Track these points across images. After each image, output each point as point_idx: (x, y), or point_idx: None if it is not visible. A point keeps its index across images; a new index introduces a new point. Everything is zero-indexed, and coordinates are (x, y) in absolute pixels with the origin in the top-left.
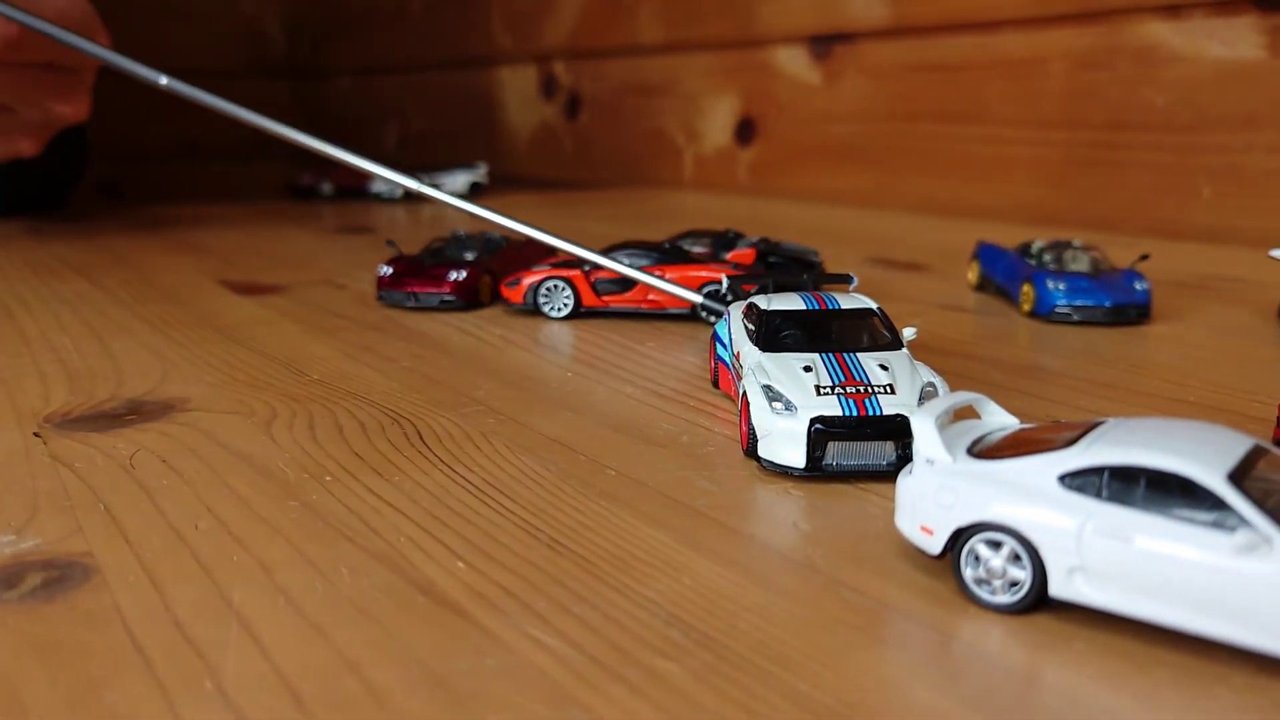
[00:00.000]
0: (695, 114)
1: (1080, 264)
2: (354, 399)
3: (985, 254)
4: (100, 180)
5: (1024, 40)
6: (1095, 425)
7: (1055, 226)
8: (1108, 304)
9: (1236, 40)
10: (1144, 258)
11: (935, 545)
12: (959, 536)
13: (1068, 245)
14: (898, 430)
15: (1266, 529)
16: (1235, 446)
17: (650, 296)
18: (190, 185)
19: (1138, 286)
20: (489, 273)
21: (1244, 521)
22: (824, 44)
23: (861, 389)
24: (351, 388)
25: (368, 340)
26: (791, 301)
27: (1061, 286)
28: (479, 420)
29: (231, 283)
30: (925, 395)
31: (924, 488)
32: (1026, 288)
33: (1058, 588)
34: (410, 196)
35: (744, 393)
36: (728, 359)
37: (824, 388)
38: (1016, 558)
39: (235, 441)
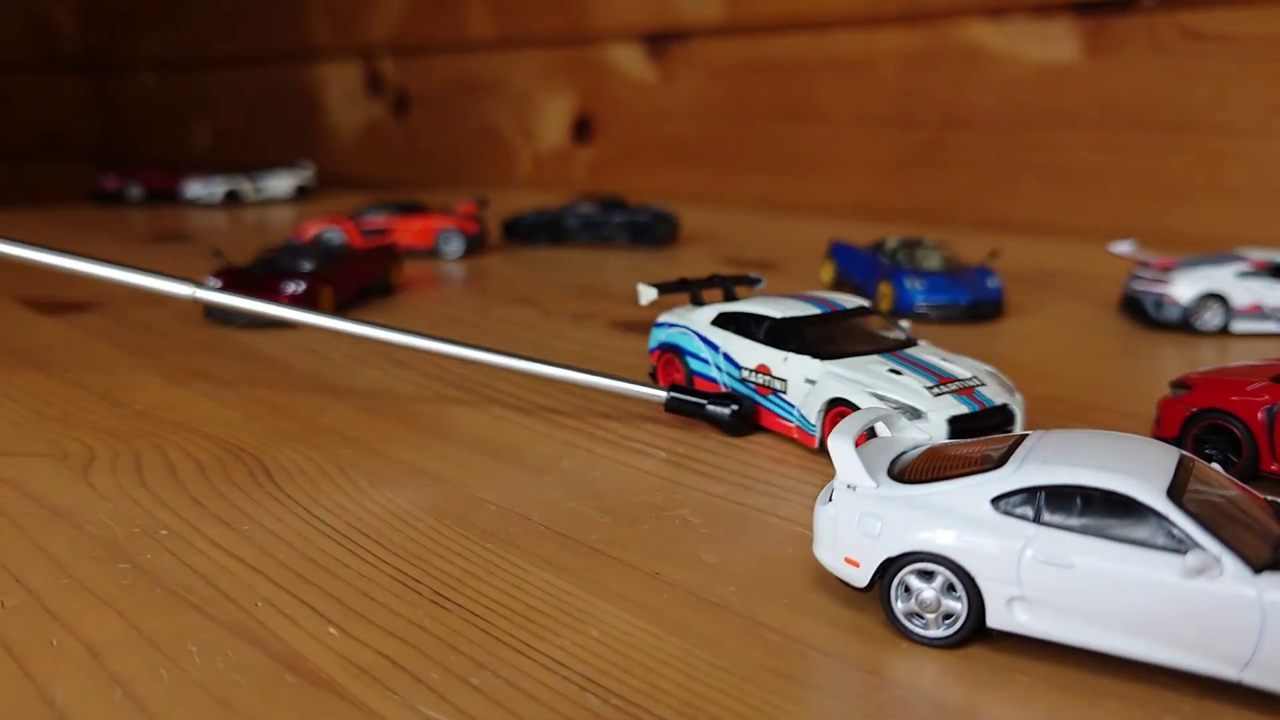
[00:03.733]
0: (531, 112)
1: (932, 261)
2: (187, 433)
3: (839, 253)
4: None
5: (855, 40)
6: (1019, 441)
7: (890, 222)
8: (964, 301)
9: (1055, 42)
10: (995, 254)
11: (861, 578)
12: (888, 568)
13: (919, 243)
14: (1008, 419)
15: (1215, 549)
16: (1165, 460)
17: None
18: None
19: (990, 284)
20: (329, 282)
21: (1192, 542)
22: (659, 42)
23: (958, 385)
24: (183, 419)
25: (197, 363)
26: (798, 308)
27: (919, 285)
28: (334, 452)
29: (32, 300)
30: (986, 381)
31: (847, 516)
32: (884, 286)
33: (996, 618)
34: (229, 199)
35: (830, 400)
36: (710, 373)
37: (931, 388)
38: (951, 588)
39: (47, 491)
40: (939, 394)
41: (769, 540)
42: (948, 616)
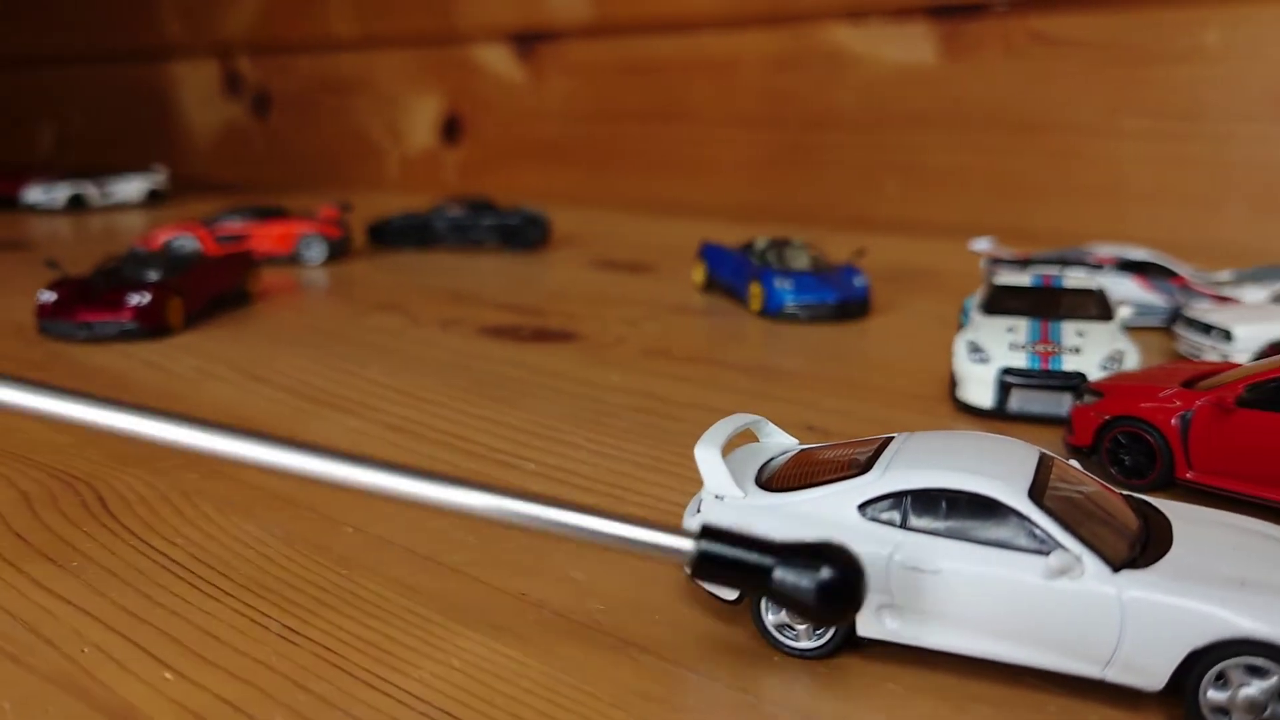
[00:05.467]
0: (398, 113)
1: (801, 261)
2: (12, 461)
3: (710, 254)
4: None
5: (722, 41)
6: (885, 444)
7: (761, 222)
8: (832, 300)
9: (912, 45)
10: (860, 253)
11: (731, 592)
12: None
13: (788, 243)
14: (1074, 385)
15: (1076, 549)
16: (1026, 459)
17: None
18: None
19: (856, 282)
20: (178, 293)
21: (1054, 542)
22: (528, 42)
23: (1051, 348)
24: (8, 446)
25: None
26: (1020, 279)
27: (789, 285)
28: (178, 477)
29: None
30: (1111, 360)
31: None
32: (755, 287)
33: (865, 626)
34: (73, 205)
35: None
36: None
37: (1020, 345)
38: None
39: None
40: (1017, 348)
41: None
42: (818, 627)
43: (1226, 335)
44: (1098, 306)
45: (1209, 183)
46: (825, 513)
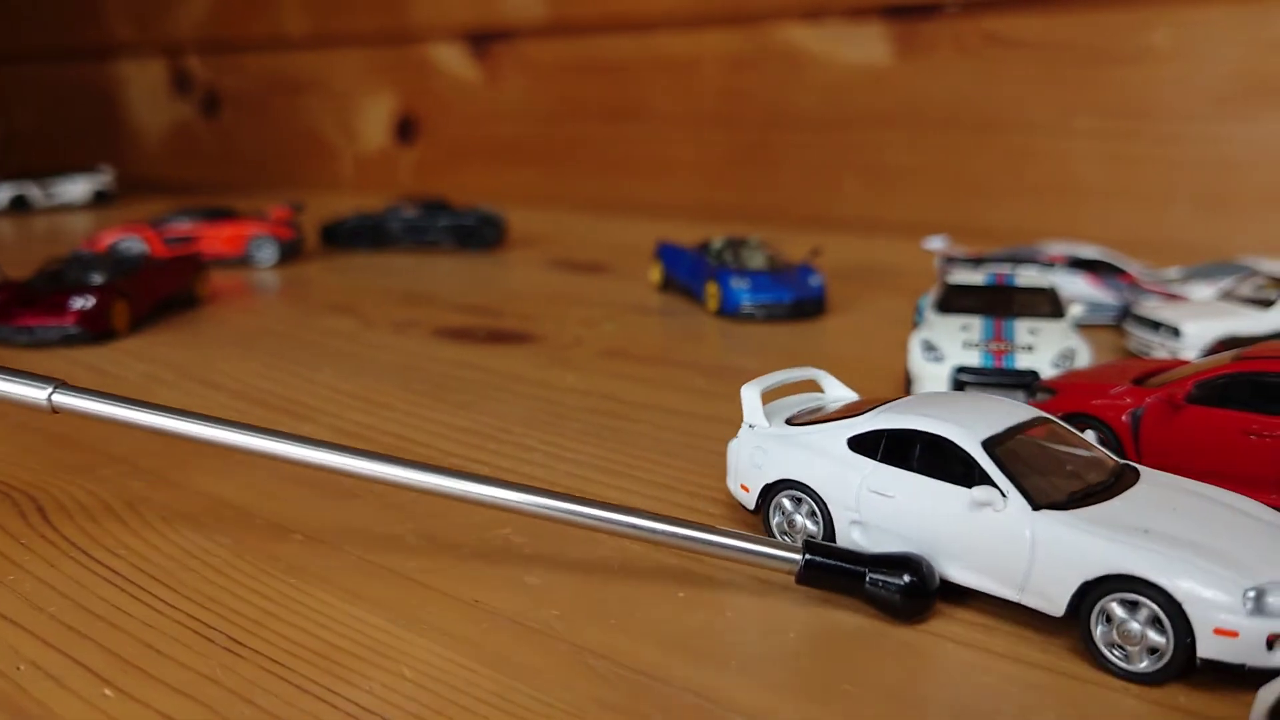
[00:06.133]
0: (352, 112)
1: (757, 260)
2: None
3: (667, 254)
4: None
5: (680, 41)
6: (898, 398)
7: (720, 221)
8: (788, 300)
9: (868, 45)
10: (816, 252)
11: (750, 501)
12: (768, 492)
13: (744, 242)
14: (1027, 382)
15: (1005, 487)
16: (1008, 417)
17: (213, 247)
18: None
19: (812, 281)
20: (123, 296)
21: (986, 479)
22: (483, 41)
23: (1004, 346)
24: None
25: None
26: (973, 277)
27: (745, 285)
28: (121, 485)
29: None
30: (1063, 358)
31: (743, 450)
32: (711, 287)
33: (842, 538)
34: (16, 206)
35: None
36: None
37: (971, 343)
38: (813, 513)
39: None
40: (970, 347)
41: (595, 557)
42: (810, 535)
43: (1175, 332)
44: (1050, 305)
45: (1157, 181)
46: (821, 443)
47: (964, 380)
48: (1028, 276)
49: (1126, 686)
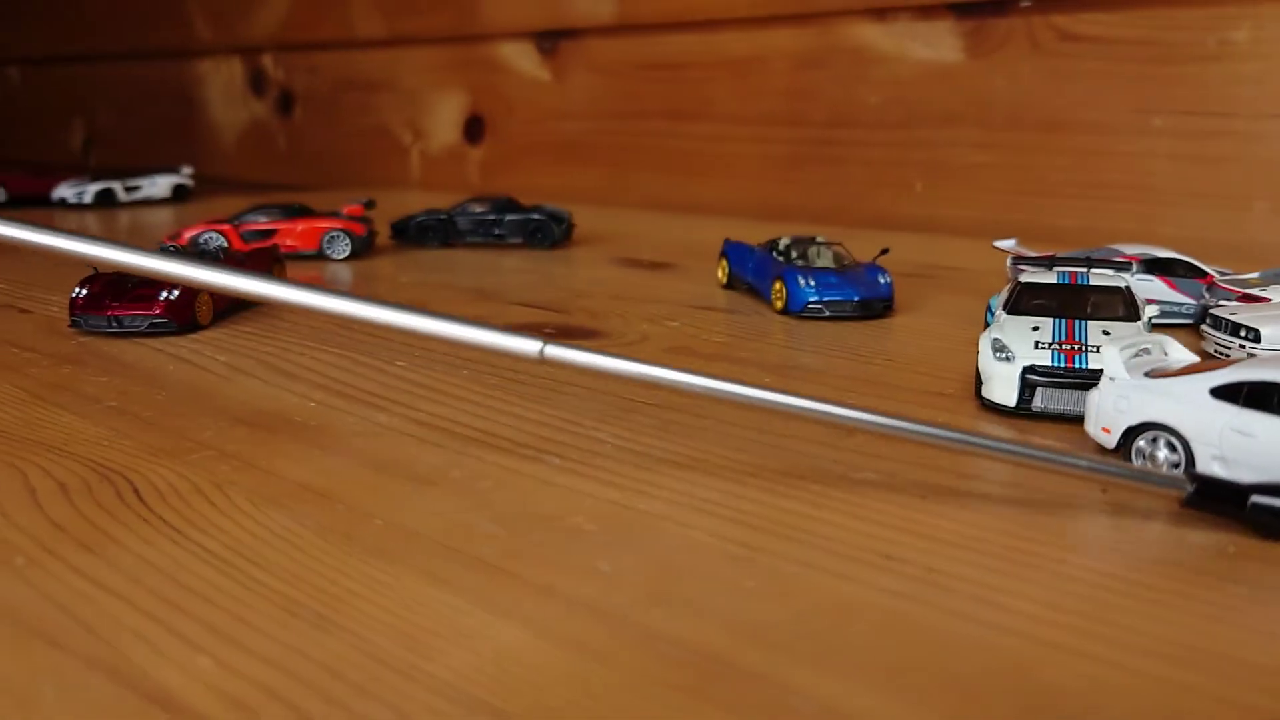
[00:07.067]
0: (421, 111)
1: (825, 259)
2: (49, 452)
3: (733, 252)
4: None
5: (746, 39)
6: (1254, 357)
7: (783, 221)
8: (856, 299)
9: (937, 43)
10: (884, 252)
11: (1111, 441)
12: (1129, 434)
13: (811, 241)
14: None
15: None
16: None
17: (288, 242)
18: None
19: (881, 280)
20: (206, 289)
21: None
22: (550, 40)
23: (1075, 346)
24: (44, 438)
25: (62, 376)
26: (1045, 277)
27: (812, 283)
28: (210, 469)
29: None
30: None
31: (1105, 399)
32: (778, 285)
33: (1202, 466)
34: (101, 200)
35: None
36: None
37: (1043, 344)
38: (1173, 449)
39: None
40: (1041, 347)
41: (665, 546)
42: (1174, 465)
43: (1255, 335)
44: (1124, 306)
45: (1238, 182)
46: (1185, 392)
47: (1034, 380)
48: (1101, 276)
49: None
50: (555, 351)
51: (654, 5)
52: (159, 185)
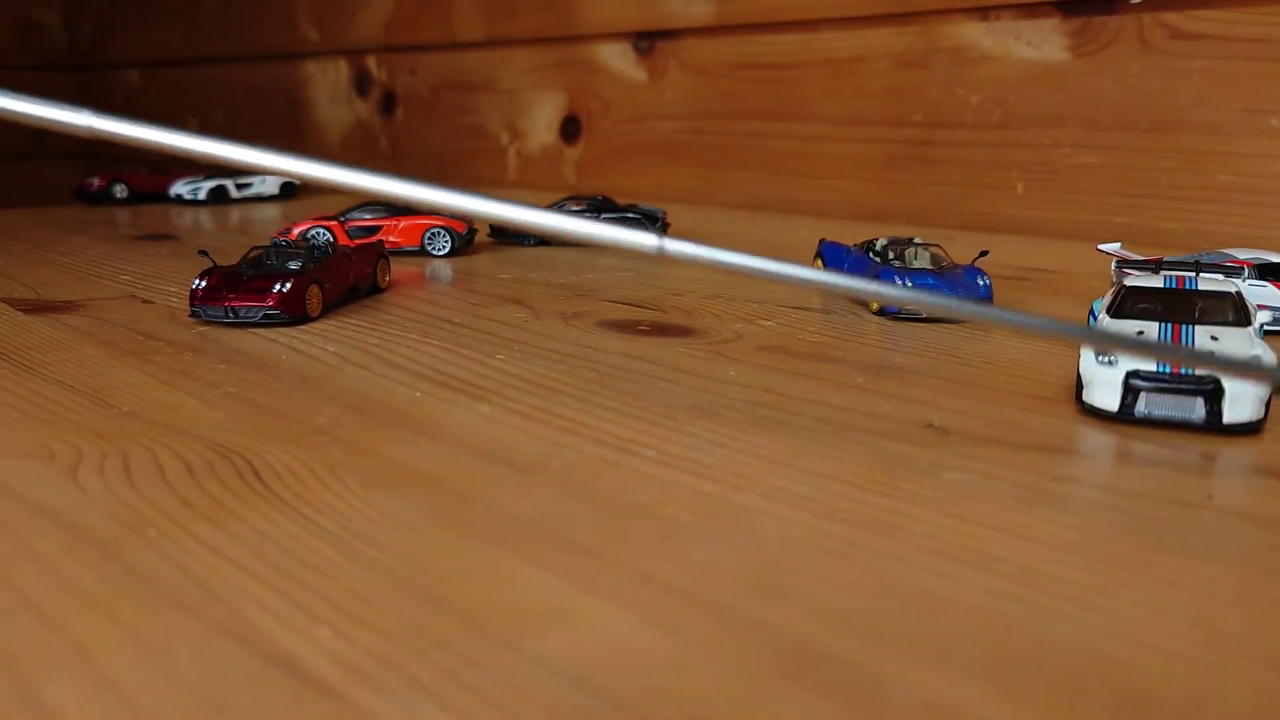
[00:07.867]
0: (518, 111)
1: (923, 261)
2: (174, 433)
3: (829, 252)
4: None
5: (845, 39)
6: None
7: (879, 222)
8: None
9: (1042, 41)
10: (983, 254)
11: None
12: None
13: (909, 242)
14: (1207, 390)
15: None
16: None
17: (391, 238)
18: None
19: (980, 282)
20: (316, 283)
21: None
22: (647, 40)
23: (1179, 356)
24: (170, 420)
25: (184, 364)
26: (1151, 280)
27: (909, 285)
28: (324, 452)
29: (17, 301)
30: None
31: None
32: None
33: None
34: (215, 197)
35: None
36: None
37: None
38: None
39: (34, 492)
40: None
41: (761, 539)
42: None
43: None
44: (1234, 311)
45: None
46: None
47: (1137, 385)
48: (1210, 280)
49: None
50: (673, 245)
51: (752, 4)
52: (268, 183)
